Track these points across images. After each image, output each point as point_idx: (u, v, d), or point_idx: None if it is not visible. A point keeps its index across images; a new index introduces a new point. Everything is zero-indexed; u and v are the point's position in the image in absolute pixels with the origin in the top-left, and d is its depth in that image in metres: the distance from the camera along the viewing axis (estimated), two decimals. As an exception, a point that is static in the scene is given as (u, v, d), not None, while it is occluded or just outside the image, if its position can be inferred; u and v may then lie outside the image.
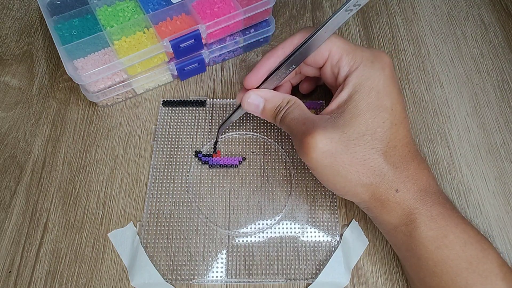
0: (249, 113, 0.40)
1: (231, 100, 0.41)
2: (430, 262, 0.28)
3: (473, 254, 0.27)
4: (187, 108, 0.41)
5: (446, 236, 0.27)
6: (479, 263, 0.27)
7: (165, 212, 0.36)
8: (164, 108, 0.41)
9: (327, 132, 0.28)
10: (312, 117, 0.30)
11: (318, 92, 0.42)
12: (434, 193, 0.29)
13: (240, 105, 0.34)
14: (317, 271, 0.33)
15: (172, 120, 0.40)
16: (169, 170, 0.37)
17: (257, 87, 0.33)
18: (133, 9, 0.39)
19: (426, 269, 0.28)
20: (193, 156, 0.38)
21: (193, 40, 0.37)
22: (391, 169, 0.28)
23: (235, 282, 0.33)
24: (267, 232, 0.35)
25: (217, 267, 0.33)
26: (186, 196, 0.36)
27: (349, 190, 0.29)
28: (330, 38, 0.29)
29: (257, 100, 0.32)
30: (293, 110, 0.31)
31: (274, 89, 0.33)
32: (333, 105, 0.30)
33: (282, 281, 0.33)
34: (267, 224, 0.35)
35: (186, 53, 0.39)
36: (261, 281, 0.33)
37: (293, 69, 0.31)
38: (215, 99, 0.41)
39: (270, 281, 0.33)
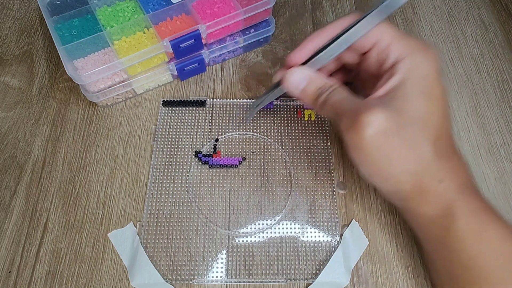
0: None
1: (231, 100, 0.41)
2: (464, 256, 0.27)
3: (510, 251, 0.27)
4: (187, 108, 0.41)
5: (485, 230, 0.27)
6: None
7: (165, 212, 0.36)
8: (164, 108, 0.41)
9: (384, 111, 0.27)
10: (361, 100, 0.29)
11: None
12: (474, 188, 0.29)
13: (277, 84, 0.32)
14: (317, 271, 0.33)
15: (172, 120, 0.40)
16: (169, 170, 0.37)
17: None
18: (133, 9, 0.39)
19: (459, 263, 0.28)
20: (193, 156, 0.38)
21: (193, 40, 0.37)
22: (437, 159, 0.28)
23: (235, 282, 0.33)
24: (267, 232, 0.35)
25: (217, 267, 0.33)
26: (186, 196, 0.36)
27: (393, 176, 0.28)
28: (380, 24, 0.29)
29: (302, 78, 0.31)
30: (340, 92, 0.30)
31: None
32: (382, 90, 0.29)
33: (282, 281, 0.33)
34: (267, 224, 0.35)
35: (186, 53, 0.39)
36: (261, 281, 0.33)
37: (340, 52, 0.30)
38: (215, 99, 0.41)
39: (270, 281, 0.33)
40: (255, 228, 0.35)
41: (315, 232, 0.35)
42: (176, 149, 0.38)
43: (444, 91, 0.29)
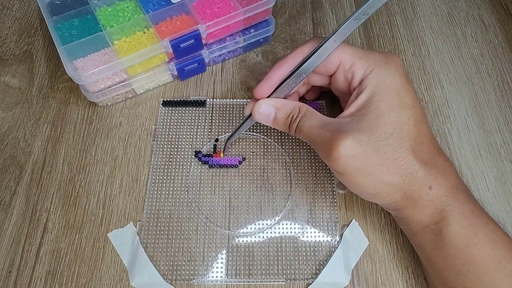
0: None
1: (231, 100, 0.41)
2: (457, 261, 0.28)
3: (502, 254, 0.27)
4: (187, 108, 0.41)
5: (476, 234, 0.27)
6: (508, 263, 0.27)
7: (165, 212, 0.36)
8: (164, 108, 0.41)
9: (355, 135, 0.28)
10: (333, 122, 0.30)
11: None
12: (464, 190, 0.29)
13: (249, 116, 0.34)
14: (317, 271, 0.33)
15: (172, 120, 0.40)
16: (169, 170, 0.37)
17: (267, 97, 0.33)
18: (133, 9, 0.39)
19: (452, 268, 0.28)
20: (193, 156, 0.38)
21: (193, 40, 0.37)
22: (422, 166, 0.28)
23: (235, 282, 0.33)
24: (267, 232, 0.35)
25: (217, 267, 0.33)
26: (186, 196, 0.36)
27: (381, 190, 0.29)
28: (339, 46, 0.30)
29: (269, 109, 0.32)
30: (309, 118, 0.31)
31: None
32: (352, 108, 0.30)
33: (282, 281, 0.33)
34: (267, 224, 0.35)
35: (186, 53, 0.39)
36: (261, 281, 0.33)
37: (304, 78, 0.31)
38: (215, 99, 0.41)
39: (270, 281, 0.33)
40: (255, 228, 0.35)
41: (315, 232, 0.35)
42: (176, 149, 0.38)
43: (414, 97, 0.30)
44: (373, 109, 0.29)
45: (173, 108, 0.41)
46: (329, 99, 0.41)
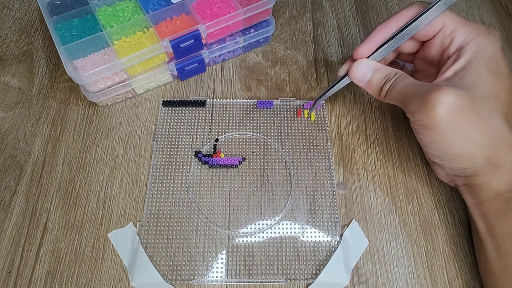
0: (251, 112, 0.40)
1: (231, 100, 0.41)
2: None
3: None
4: (187, 108, 0.41)
5: None
6: None
7: (165, 212, 0.35)
8: (164, 108, 0.41)
9: (455, 89, 0.28)
10: (428, 83, 0.30)
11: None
12: None
13: (344, 76, 0.34)
14: (317, 271, 0.33)
15: (172, 120, 0.40)
16: (169, 170, 0.37)
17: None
18: (133, 9, 0.39)
19: None
20: (193, 156, 0.38)
21: (193, 40, 0.37)
22: (510, 133, 0.29)
23: (235, 282, 0.33)
24: (267, 232, 0.35)
25: (217, 267, 0.33)
26: (186, 196, 0.36)
27: (467, 151, 0.29)
28: (444, 11, 0.30)
29: (366, 69, 0.33)
30: (405, 78, 0.31)
31: None
32: (449, 72, 0.30)
33: (282, 281, 0.33)
34: (267, 224, 0.35)
35: (186, 53, 0.39)
36: (261, 281, 0.33)
37: (404, 41, 0.32)
38: (215, 99, 0.41)
39: (270, 281, 0.33)
40: (255, 228, 0.35)
41: (315, 232, 0.35)
42: (176, 149, 0.38)
43: (509, 69, 0.30)
44: (472, 73, 0.29)
45: (173, 108, 0.41)
46: (330, 99, 0.41)
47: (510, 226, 0.29)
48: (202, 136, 0.39)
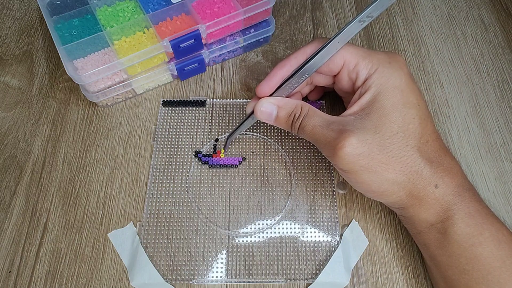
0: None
1: (231, 100, 0.41)
2: (462, 260, 0.28)
3: (507, 253, 0.27)
4: (187, 108, 0.41)
5: (482, 233, 0.27)
6: None
7: (165, 212, 0.35)
8: (164, 108, 0.41)
9: (360, 134, 0.28)
10: (336, 120, 0.30)
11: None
12: (470, 189, 0.29)
13: (251, 114, 0.34)
14: (317, 271, 0.33)
15: (172, 120, 0.40)
16: (169, 170, 0.37)
17: (269, 96, 0.33)
18: (133, 9, 0.39)
19: (456, 267, 0.28)
20: (193, 156, 0.38)
21: (193, 40, 0.37)
22: (427, 165, 0.28)
23: (235, 282, 0.33)
24: (267, 232, 0.35)
25: (217, 267, 0.33)
26: (186, 196, 0.36)
27: (386, 189, 0.29)
28: (343, 46, 0.30)
29: (270, 108, 0.32)
30: (312, 117, 0.31)
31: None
32: (355, 107, 0.30)
33: (282, 281, 0.33)
34: (267, 224, 0.35)
35: (186, 53, 0.39)
36: (261, 281, 0.33)
37: (306, 78, 0.31)
38: (215, 99, 0.41)
39: (270, 281, 0.33)
40: (255, 228, 0.35)
41: (315, 232, 0.35)
42: (176, 149, 0.38)
43: (419, 96, 0.30)
44: (378, 108, 0.29)
45: (173, 108, 0.41)
46: (330, 99, 0.41)
47: (449, 257, 0.28)
48: (202, 136, 0.39)
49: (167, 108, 0.41)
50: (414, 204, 0.29)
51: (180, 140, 0.39)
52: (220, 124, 0.40)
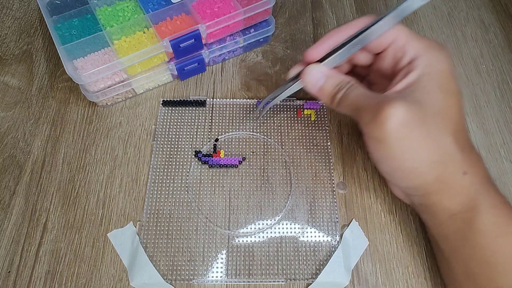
0: (250, 111, 0.40)
1: (231, 100, 0.41)
2: (487, 251, 0.27)
3: None
4: (187, 108, 0.41)
5: (509, 224, 0.27)
6: None
7: (165, 212, 0.35)
8: (164, 108, 0.41)
9: (404, 102, 0.27)
10: (380, 94, 0.29)
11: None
12: (493, 183, 0.29)
13: (294, 79, 0.33)
14: (317, 271, 0.33)
15: (172, 120, 0.40)
16: (169, 170, 0.37)
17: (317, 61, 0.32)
18: (133, 9, 0.39)
19: (479, 259, 0.27)
20: (193, 156, 0.38)
21: (193, 40, 0.37)
22: (459, 151, 0.28)
23: (235, 282, 0.33)
24: (267, 232, 0.35)
25: (217, 267, 0.33)
26: (186, 196, 0.36)
27: (416, 167, 0.28)
28: (396, 25, 0.30)
29: (319, 76, 0.31)
30: (357, 87, 0.30)
31: None
32: (400, 85, 0.29)
33: (282, 281, 0.33)
34: (267, 224, 0.35)
35: (186, 53, 0.39)
36: (261, 281, 0.33)
37: (358, 49, 0.31)
38: (215, 99, 0.41)
39: (270, 281, 0.33)
40: (255, 228, 0.35)
41: (315, 232, 0.35)
42: (176, 149, 0.38)
43: (459, 87, 0.30)
44: (423, 87, 0.28)
45: (173, 108, 0.41)
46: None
47: (473, 248, 0.28)
48: (202, 136, 0.39)
49: (167, 108, 0.41)
50: (439, 190, 0.28)
51: (180, 140, 0.39)
52: (220, 124, 0.40)
